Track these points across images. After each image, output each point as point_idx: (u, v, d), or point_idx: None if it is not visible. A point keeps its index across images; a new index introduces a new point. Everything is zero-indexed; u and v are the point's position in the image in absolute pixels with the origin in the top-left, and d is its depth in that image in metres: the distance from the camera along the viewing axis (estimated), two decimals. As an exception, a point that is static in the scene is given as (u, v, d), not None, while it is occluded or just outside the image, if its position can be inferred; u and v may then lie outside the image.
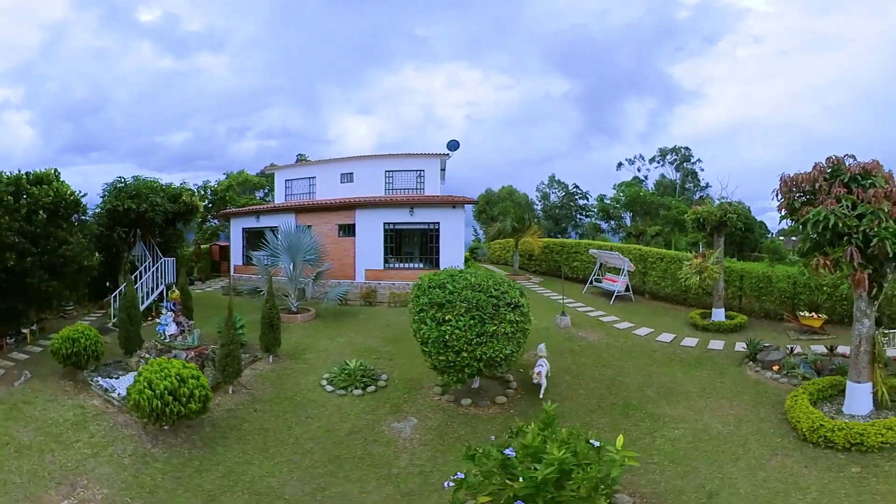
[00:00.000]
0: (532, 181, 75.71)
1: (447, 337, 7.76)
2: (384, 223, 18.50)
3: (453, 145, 24.22)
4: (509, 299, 8.16)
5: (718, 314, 12.67)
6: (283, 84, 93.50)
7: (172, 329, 11.39)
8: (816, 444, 6.30)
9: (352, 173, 23.58)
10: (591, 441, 4.37)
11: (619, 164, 49.37)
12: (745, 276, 13.94)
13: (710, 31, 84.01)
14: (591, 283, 18.12)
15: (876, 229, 6.16)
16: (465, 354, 7.73)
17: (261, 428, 8.09)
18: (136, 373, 8.33)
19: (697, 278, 11.35)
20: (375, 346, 12.14)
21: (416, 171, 23.44)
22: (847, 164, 6.93)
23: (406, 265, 18.96)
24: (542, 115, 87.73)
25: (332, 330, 13.77)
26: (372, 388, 9.63)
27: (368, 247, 18.30)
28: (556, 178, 48.16)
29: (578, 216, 43.84)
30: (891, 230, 6.13)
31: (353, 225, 18.62)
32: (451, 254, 18.52)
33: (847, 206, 6.41)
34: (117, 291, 14.84)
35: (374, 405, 8.84)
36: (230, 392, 9.09)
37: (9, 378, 9.39)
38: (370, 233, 18.38)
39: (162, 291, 15.90)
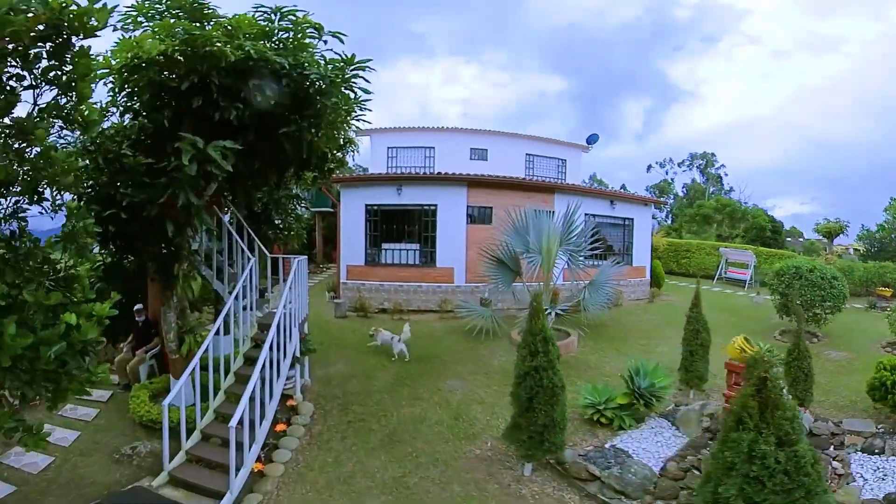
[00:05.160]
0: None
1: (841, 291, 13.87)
2: (585, 214, 17.40)
3: (593, 139, 24.77)
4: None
5: (828, 289, 23.66)
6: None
7: None
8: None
9: (486, 150, 22.44)
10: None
11: (649, 167, 61.12)
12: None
13: (708, 31, 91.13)
14: (718, 276, 25.22)
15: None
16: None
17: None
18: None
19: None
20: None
21: (559, 159, 24.04)
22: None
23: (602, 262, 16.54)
24: (538, 113, 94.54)
25: (622, 346, 13.38)
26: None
27: (567, 239, 16.75)
28: (599, 178, 57.77)
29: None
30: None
31: (552, 212, 15.84)
32: (642, 250, 20.17)
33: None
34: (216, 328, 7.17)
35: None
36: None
37: None
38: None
39: (302, 335, 8.48)
